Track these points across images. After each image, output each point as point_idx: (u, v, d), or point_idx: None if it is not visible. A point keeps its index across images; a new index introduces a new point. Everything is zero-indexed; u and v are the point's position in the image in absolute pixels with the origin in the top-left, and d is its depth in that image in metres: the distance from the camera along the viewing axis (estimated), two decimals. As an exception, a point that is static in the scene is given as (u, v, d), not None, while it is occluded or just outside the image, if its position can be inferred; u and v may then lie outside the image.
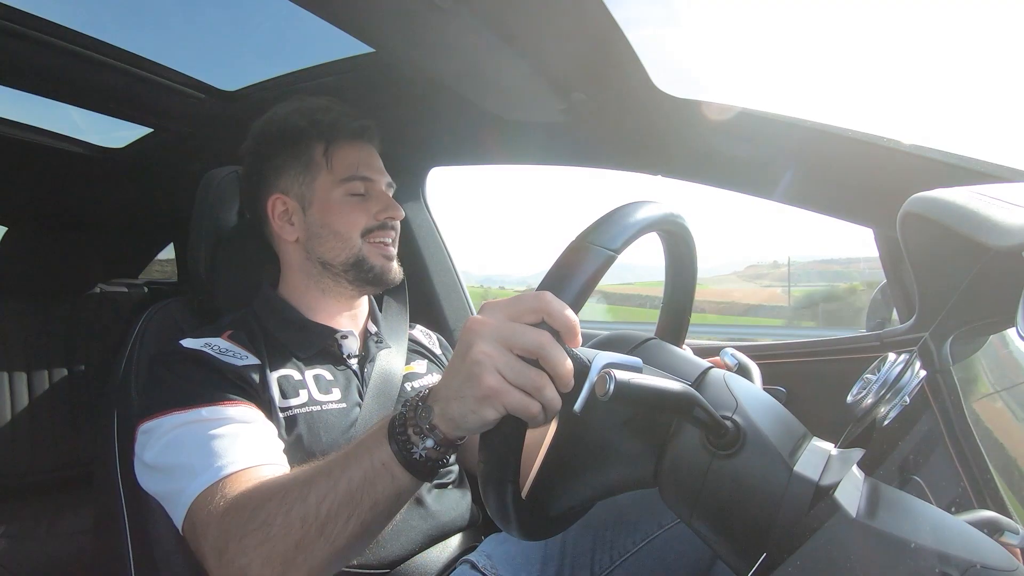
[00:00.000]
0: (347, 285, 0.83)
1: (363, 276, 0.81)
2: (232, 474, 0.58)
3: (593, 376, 0.39)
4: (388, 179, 0.86)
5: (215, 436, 0.62)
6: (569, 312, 0.40)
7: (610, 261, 0.41)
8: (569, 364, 0.41)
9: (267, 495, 0.53)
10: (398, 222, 0.85)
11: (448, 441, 0.47)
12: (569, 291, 0.41)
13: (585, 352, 0.45)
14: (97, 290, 1.74)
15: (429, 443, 0.47)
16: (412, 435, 0.48)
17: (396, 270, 0.84)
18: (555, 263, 0.42)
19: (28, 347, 1.56)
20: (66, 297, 1.65)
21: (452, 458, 0.83)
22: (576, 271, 0.41)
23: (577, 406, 0.40)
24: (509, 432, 0.43)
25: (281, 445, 0.68)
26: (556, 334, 0.41)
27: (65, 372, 1.60)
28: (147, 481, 0.65)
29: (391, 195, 0.87)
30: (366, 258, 0.81)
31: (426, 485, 0.78)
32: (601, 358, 0.41)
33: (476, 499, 0.87)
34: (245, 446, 0.62)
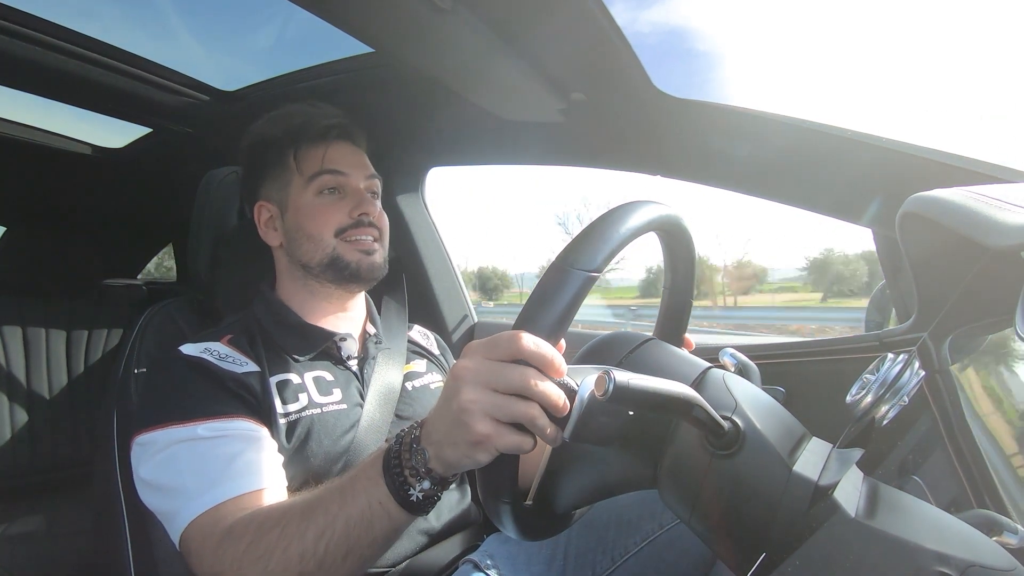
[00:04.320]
0: (330, 285, 0.82)
1: (341, 274, 0.80)
2: (228, 500, 0.58)
3: (584, 395, 0.39)
4: (369, 172, 0.84)
5: (212, 457, 0.62)
6: (544, 347, 0.40)
7: (591, 282, 0.41)
8: (558, 391, 0.41)
9: (265, 527, 0.53)
10: (382, 218, 0.83)
11: (444, 480, 0.47)
12: (544, 323, 0.40)
13: (576, 371, 0.44)
14: (96, 290, 1.74)
15: (426, 484, 0.47)
16: (408, 476, 0.48)
17: (377, 264, 0.81)
18: (534, 291, 0.42)
19: (27, 347, 1.56)
20: (65, 297, 1.65)
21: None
22: (553, 300, 0.40)
23: (567, 433, 0.40)
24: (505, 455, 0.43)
25: (280, 459, 0.67)
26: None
27: (65, 372, 1.60)
28: (144, 495, 0.65)
29: (377, 190, 0.85)
30: (341, 256, 0.79)
31: None
32: (588, 383, 0.40)
33: (476, 498, 0.87)
34: (242, 468, 0.62)
